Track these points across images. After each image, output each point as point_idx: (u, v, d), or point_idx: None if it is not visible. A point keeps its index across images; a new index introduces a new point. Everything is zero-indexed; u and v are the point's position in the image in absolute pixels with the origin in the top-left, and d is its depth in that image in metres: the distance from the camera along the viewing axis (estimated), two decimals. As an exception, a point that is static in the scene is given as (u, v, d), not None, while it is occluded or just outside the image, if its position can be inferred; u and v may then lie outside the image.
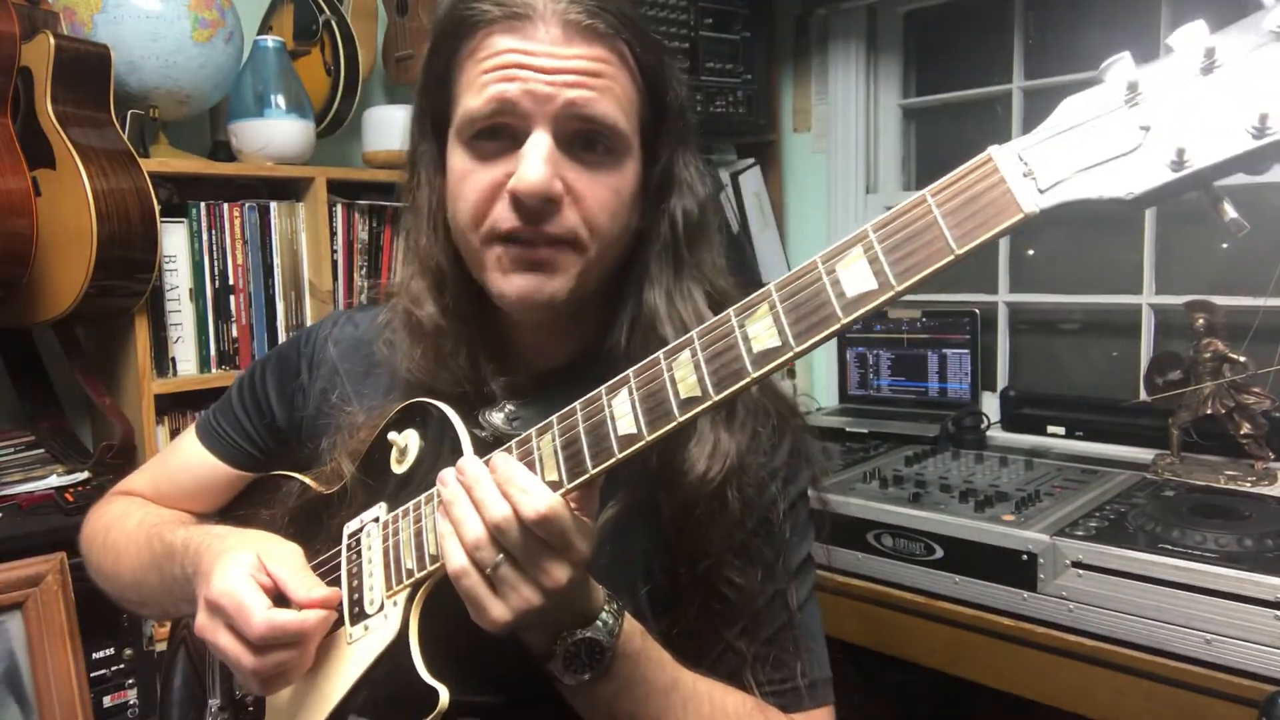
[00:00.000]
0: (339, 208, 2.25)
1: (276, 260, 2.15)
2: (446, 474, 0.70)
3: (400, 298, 0.88)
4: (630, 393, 0.65)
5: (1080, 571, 1.33)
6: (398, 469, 0.83)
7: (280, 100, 2.10)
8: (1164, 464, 1.71)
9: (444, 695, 0.71)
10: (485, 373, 0.84)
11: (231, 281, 2.08)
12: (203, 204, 2.03)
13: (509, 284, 0.78)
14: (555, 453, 0.68)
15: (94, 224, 1.69)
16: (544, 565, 0.65)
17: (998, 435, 2.07)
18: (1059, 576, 1.35)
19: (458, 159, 0.80)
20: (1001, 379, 2.24)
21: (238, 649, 0.75)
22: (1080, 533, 1.38)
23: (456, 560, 0.67)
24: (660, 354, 0.65)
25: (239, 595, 0.75)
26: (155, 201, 1.81)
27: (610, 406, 0.66)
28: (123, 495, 1.08)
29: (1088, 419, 1.95)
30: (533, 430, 0.71)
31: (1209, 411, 1.66)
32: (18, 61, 1.71)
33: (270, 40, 2.14)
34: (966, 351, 2.14)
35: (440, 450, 0.79)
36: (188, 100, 2.02)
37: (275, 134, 2.09)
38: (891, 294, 0.57)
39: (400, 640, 0.75)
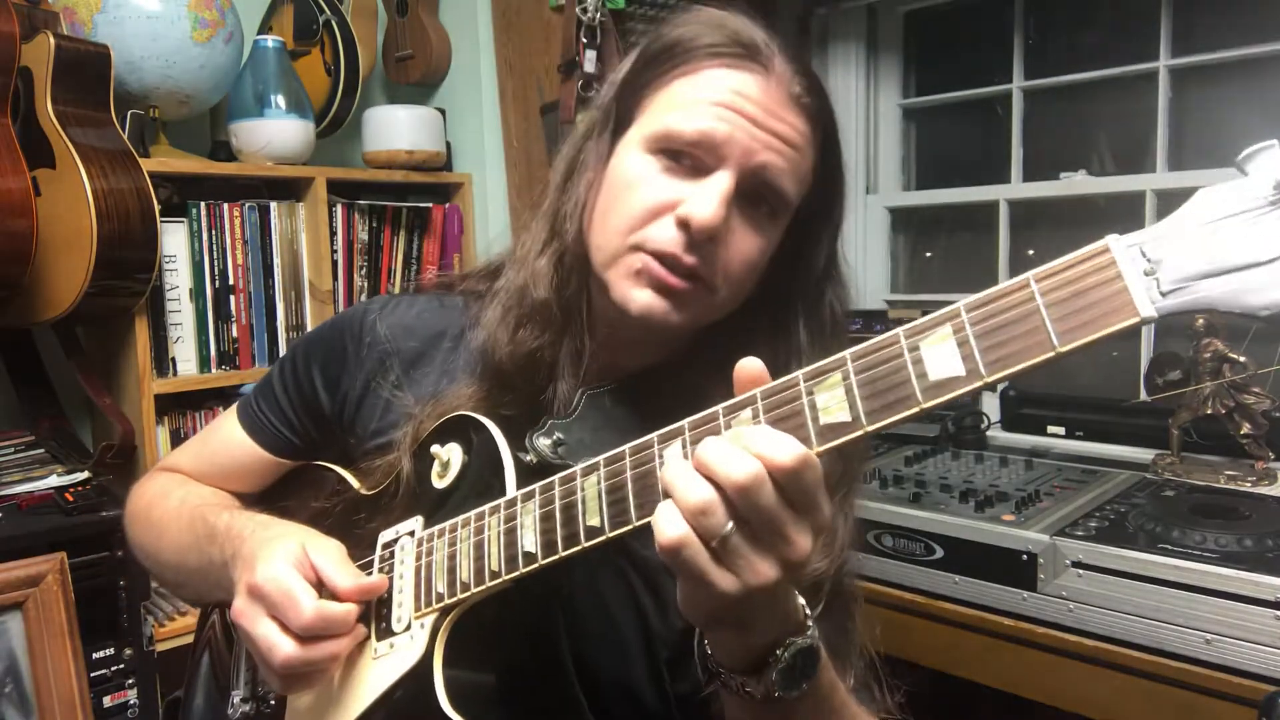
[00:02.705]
0: (339, 208, 2.25)
1: (276, 260, 2.15)
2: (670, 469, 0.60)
3: (519, 271, 0.87)
4: (684, 446, 0.61)
5: (1080, 571, 1.33)
6: (438, 483, 0.82)
7: (280, 100, 2.10)
8: (1164, 464, 1.70)
9: None
10: (558, 371, 0.84)
11: (231, 281, 2.09)
12: (203, 204, 2.03)
13: (638, 295, 0.79)
14: (599, 496, 0.65)
15: (94, 224, 1.69)
16: (786, 531, 0.56)
17: (998, 435, 2.07)
18: (1059, 576, 1.35)
19: (635, 161, 0.80)
20: (1001, 379, 2.24)
21: (275, 637, 0.74)
22: (1080, 533, 1.38)
23: (673, 529, 0.56)
24: (720, 409, 0.61)
25: (286, 583, 0.75)
26: (155, 201, 1.81)
27: (661, 456, 0.62)
28: (166, 471, 1.08)
29: (1088, 419, 1.95)
30: (578, 469, 0.68)
31: (1209, 411, 1.66)
32: (18, 61, 1.70)
33: (270, 40, 2.14)
34: (966, 351, 2.14)
35: (482, 471, 0.78)
36: (188, 100, 2.03)
37: (275, 134, 2.09)
38: (979, 384, 0.53)
39: (424, 665, 0.74)
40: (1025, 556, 1.38)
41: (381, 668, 0.78)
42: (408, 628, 0.77)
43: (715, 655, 0.66)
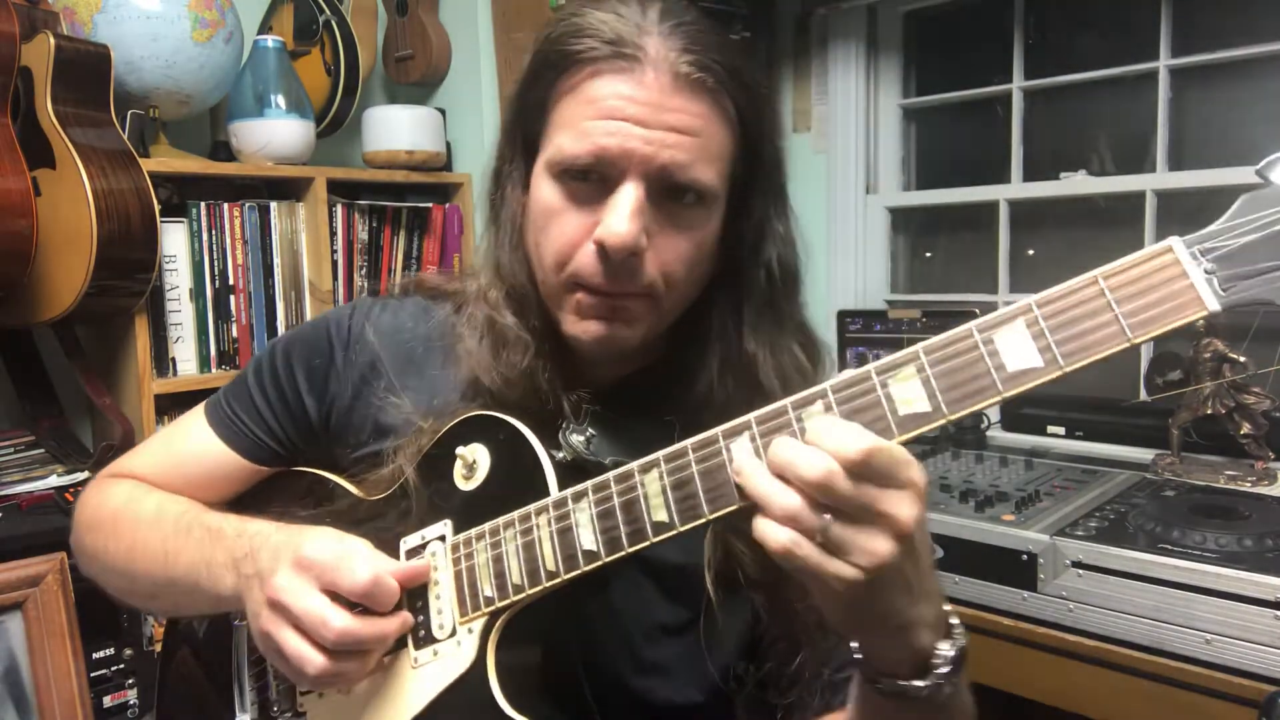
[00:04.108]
0: (339, 208, 2.25)
1: (276, 260, 2.15)
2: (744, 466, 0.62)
3: (480, 303, 0.86)
4: (753, 440, 0.62)
5: (1080, 571, 1.33)
6: (464, 485, 0.79)
7: (280, 100, 2.11)
8: (1164, 464, 1.70)
9: None
10: (555, 387, 0.83)
11: (231, 281, 2.09)
12: (203, 204, 2.03)
13: (584, 329, 0.79)
14: (664, 492, 0.65)
15: (94, 224, 1.69)
16: (882, 508, 0.57)
17: (998, 435, 2.07)
18: (1059, 576, 1.35)
19: (546, 190, 0.78)
20: (1001, 379, 2.24)
21: (325, 610, 0.72)
22: (1080, 533, 1.38)
23: (778, 536, 0.58)
24: (788, 402, 0.62)
25: (340, 549, 0.74)
26: (155, 201, 1.81)
27: (729, 451, 0.63)
28: (121, 478, 1.00)
29: (1088, 419, 1.95)
30: (634, 466, 0.68)
31: (1209, 411, 1.66)
32: (18, 61, 1.71)
33: (270, 40, 2.14)
34: (966, 351, 2.13)
35: (515, 471, 0.77)
36: (188, 100, 2.03)
37: (275, 134, 2.09)
38: (1058, 374, 0.56)
39: (477, 670, 0.73)
40: (1025, 556, 1.38)
41: (425, 675, 0.76)
42: (453, 633, 0.75)
43: (877, 665, 0.64)
